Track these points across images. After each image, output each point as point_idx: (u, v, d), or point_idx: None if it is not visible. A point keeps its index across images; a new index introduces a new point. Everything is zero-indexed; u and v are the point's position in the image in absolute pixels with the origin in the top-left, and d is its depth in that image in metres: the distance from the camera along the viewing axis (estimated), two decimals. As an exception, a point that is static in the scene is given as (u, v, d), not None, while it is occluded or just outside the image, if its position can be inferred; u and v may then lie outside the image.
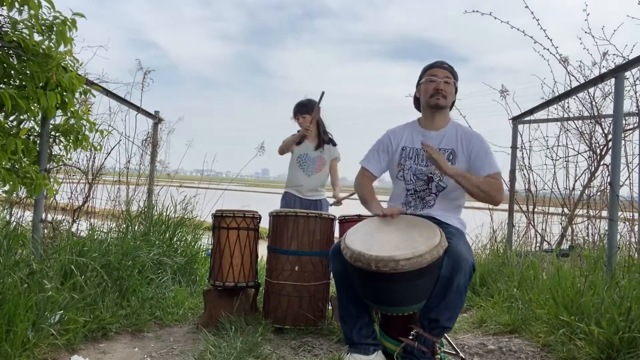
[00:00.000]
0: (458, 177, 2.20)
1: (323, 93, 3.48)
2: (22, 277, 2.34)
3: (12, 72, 2.74)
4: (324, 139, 3.68)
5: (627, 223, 3.45)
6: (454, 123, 2.46)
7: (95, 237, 3.29)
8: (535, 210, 4.40)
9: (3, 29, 2.65)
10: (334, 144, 3.73)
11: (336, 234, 2.94)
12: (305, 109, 3.60)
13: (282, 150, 3.69)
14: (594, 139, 3.98)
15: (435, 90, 2.35)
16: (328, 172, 3.72)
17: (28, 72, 2.70)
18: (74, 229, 3.73)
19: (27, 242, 2.82)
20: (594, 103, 3.93)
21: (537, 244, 4.29)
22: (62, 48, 2.79)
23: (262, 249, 3.07)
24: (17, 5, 2.57)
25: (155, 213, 4.15)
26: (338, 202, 3.74)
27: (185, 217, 4.27)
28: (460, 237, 2.17)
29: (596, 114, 3.92)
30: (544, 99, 4.23)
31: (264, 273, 2.92)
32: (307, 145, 3.65)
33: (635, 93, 3.53)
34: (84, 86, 3.16)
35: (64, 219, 3.79)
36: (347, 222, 2.94)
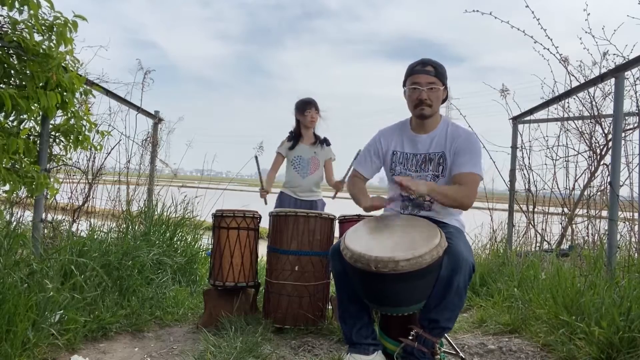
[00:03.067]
0: (432, 193, 2.13)
1: (359, 152, 3.43)
2: (22, 277, 2.34)
3: (12, 72, 2.74)
4: (318, 137, 3.72)
5: (627, 223, 3.45)
6: (445, 122, 2.36)
7: (95, 237, 3.29)
8: (535, 210, 4.40)
9: (3, 29, 2.65)
10: (328, 144, 3.75)
11: (336, 233, 2.94)
12: (311, 105, 3.64)
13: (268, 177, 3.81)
14: (594, 139, 3.98)
15: (419, 100, 2.24)
16: (323, 173, 3.73)
17: (28, 72, 2.70)
18: (74, 229, 3.73)
19: (27, 242, 2.82)
20: (594, 103, 3.92)
21: (537, 244, 4.29)
22: (62, 48, 2.79)
23: (262, 249, 3.07)
24: (17, 5, 2.57)
25: (156, 213, 4.15)
26: (337, 186, 3.67)
27: (186, 217, 4.27)
28: (460, 236, 2.16)
29: (596, 114, 3.91)
30: (544, 98, 4.22)
31: (264, 273, 2.92)
32: (301, 147, 3.66)
33: (635, 93, 3.53)
34: (84, 86, 3.16)
35: (64, 219, 3.79)
36: (347, 222, 2.95)
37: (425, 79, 2.23)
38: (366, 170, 2.50)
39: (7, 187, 2.70)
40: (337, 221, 2.99)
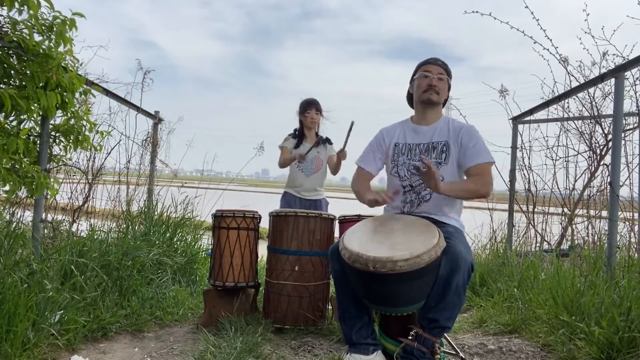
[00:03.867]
0: (449, 193, 2.18)
1: (352, 123, 3.42)
2: (22, 277, 2.34)
3: (12, 72, 2.74)
4: (320, 137, 3.75)
5: (627, 223, 3.45)
6: (445, 118, 2.45)
7: (95, 237, 3.29)
8: (535, 210, 4.40)
9: (3, 29, 2.65)
10: (330, 142, 3.80)
11: (336, 233, 2.94)
12: (314, 105, 3.67)
13: (283, 165, 3.73)
14: (594, 139, 3.98)
15: (429, 86, 2.35)
16: (326, 172, 3.76)
17: (28, 72, 2.70)
18: (74, 229, 3.73)
19: (27, 242, 2.82)
20: (594, 103, 3.93)
21: (537, 244, 4.29)
22: (62, 48, 2.79)
23: (262, 249, 3.07)
24: (17, 5, 2.57)
25: (156, 213, 4.15)
26: (340, 156, 3.59)
27: (186, 217, 4.28)
28: (459, 236, 2.16)
29: (596, 114, 3.92)
30: (544, 99, 4.23)
31: (264, 273, 2.92)
32: (305, 147, 3.69)
33: (635, 93, 3.53)
34: (84, 86, 3.16)
35: (64, 219, 3.79)
36: (347, 222, 2.95)
37: (436, 70, 2.37)
38: (370, 166, 2.51)
39: (7, 188, 2.70)
40: (337, 221, 2.99)
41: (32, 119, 2.96)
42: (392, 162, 2.45)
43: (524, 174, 4.48)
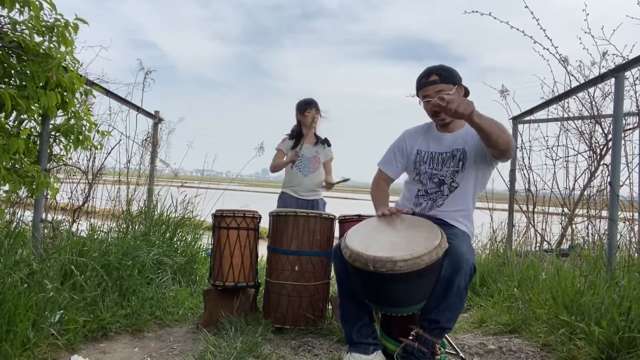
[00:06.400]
0: (481, 120, 1.96)
1: (345, 180, 3.58)
2: (22, 277, 2.34)
3: (12, 72, 2.74)
4: (319, 138, 3.75)
5: (627, 223, 3.45)
6: None
7: (95, 237, 3.29)
8: (535, 210, 4.40)
9: (3, 29, 2.65)
10: (329, 144, 3.81)
11: (336, 233, 2.94)
12: (312, 105, 3.68)
13: (275, 170, 3.75)
14: (594, 139, 3.99)
15: (434, 111, 2.27)
16: (323, 172, 3.77)
17: (28, 72, 2.70)
18: (74, 229, 3.73)
19: (27, 242, 2.82)
20: (593, 103, 3.93)
21: (537, 244, 4.29)
22: (62, 49, 2.79)
23: (262, 249, 3.07)
24: (17, 6, 2.57)
25: (156, 213, 4.15)
26: (329, 185, 3.77)
27: (186, 217, 4.27)
28: (464, 238, 2.15)
29: (596, 113, 3.92)
30: (544, 99, 4.23)
31: (264, 273, 2.92)
32: (303, 146, 3.68)
33: (635, 93, 3.53)
34: (85, 86, 3.16)
35: (64, 219, 3.79)
36: (347, 222, 2.95)
37: (433, 89, 2.25)
38: (391, 170, 2.48)
39: (7, 187, 2.70)
40: (337, 221, 2.99)
41: (33, 118, 2.96)
42: (414, 169, 2.40)
43: (524, 174, 4.49)
